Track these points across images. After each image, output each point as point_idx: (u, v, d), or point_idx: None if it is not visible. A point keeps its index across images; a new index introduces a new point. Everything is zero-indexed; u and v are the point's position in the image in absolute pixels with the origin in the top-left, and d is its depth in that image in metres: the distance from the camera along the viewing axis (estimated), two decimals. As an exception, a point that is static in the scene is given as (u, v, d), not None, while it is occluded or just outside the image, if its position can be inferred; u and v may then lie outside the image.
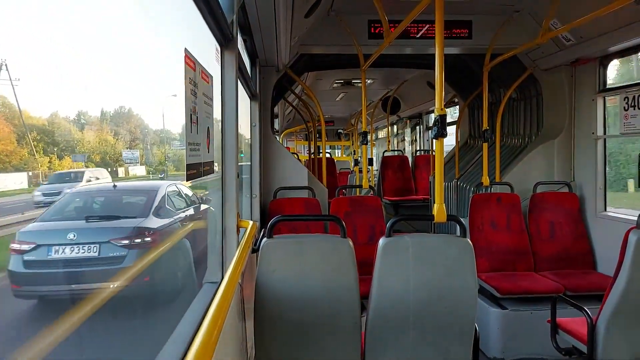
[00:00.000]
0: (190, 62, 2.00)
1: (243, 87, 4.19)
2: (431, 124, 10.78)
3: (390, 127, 12.13)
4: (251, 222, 3.10)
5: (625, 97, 4.65)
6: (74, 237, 4.22)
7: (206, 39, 2.47)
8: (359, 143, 6.59)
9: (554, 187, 5.44)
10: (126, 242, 4.48)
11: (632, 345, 3.24)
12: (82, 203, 4.79)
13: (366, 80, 5.71)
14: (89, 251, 4.19)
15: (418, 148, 11.49)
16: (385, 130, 12.86)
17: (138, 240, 4.60)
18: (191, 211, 6.18)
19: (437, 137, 2.99)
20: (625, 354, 3.24)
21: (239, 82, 2.97)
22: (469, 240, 2.87)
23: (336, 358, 2.89)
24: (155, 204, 5.22)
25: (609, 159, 5.30)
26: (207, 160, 2.32)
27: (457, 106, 8.57)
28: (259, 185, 5.35)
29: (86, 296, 3.57)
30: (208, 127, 2.35)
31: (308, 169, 6.16)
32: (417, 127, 11.68)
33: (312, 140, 9.35)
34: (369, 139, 7.62)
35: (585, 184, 5.26)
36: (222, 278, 2.30)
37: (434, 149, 4.30)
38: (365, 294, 2.89)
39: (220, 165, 2.75)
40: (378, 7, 4.34)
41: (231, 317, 2.26)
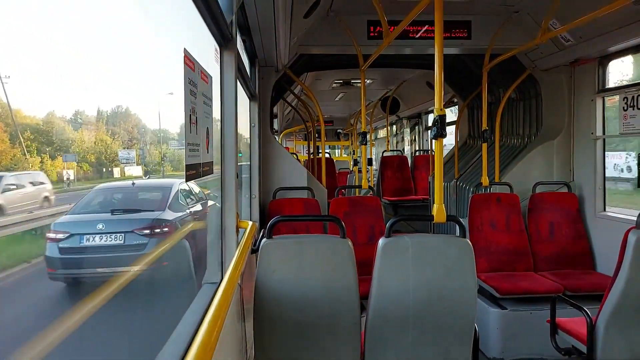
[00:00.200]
0: (189, 62, 1.99)
1: (242, 87, 4.19)
2: (430, 124, 10.80)
3: (389, 127, 12.13)
4: (250, 223, 3.10)
5: (624, 98, 4.66)
6: (103, 227, 4.86)
7: (205, 39, 2.47)
8: (358, 143, 6.59)
9: (553, 187, 5.44)
10: (147, 231, 5.15)
11: (631, 345, 3.24)
12: (103, 197, 5.42)
13: (365, 80, 5.71)
14: (115, 239, 4.83)
15: (417, 148, 11.50)
16: (385, 130, 12.86)
17: (157, 230, 5.28)
18: (199, 207, 6.76)
19: (436, 137, 2.99)
20: (625, 353, 3.25)
21: (238, 82, 2.97)
22: (469, 240, 2.87)
23: (336, 358, 2.89)
24: (170, 199, 5.84)
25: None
26: (207, 160, 2.31)
27: (457, 106, 8.58)
28: (258, 186, 5.35)
29: (113, 277, 4.11)
30: (207, 128, 2.34)
31: (307, 169, 6.16)
32: (417, 127, 11.69)
33: (311, 140, 9.35)
34: (368, 139, 7.63)
35: (584, 184, 5.27)
36: (222, 278, 2.29)
37: (433, 149, 4.30)
38: (365, 294, 2.89)
39: (220, 166, 2.75)
40: (377, 8, 4.34)
41: (231, 318, 2.26)
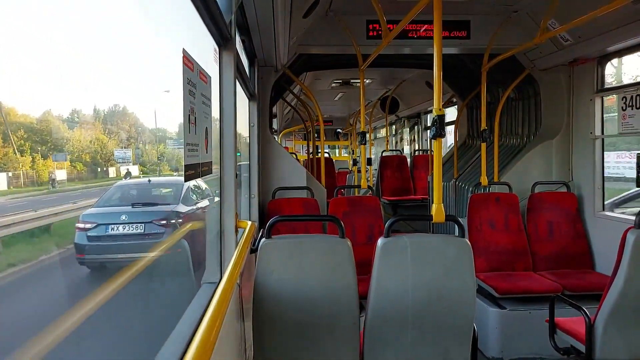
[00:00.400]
0: (188, 62, 1.99)
1: (241, 87, 4.19)
2: (429, 124, 10.80)
3: (388, 127, 12.14)
4: (250, 223, 3.10)
5: (623, 97, 4.66)
6: (125, 218, 5.56)
7: (205, 39, 2.47)
8: (358, 143, 6.59)
9: (552, 186, 5.44)
10: (164, 222, 5.87)
11: (629, 345, 3.25)
12: (121, 193, 6.11)
13: (365, 80, 5.71)
14: (136, 229, 5.55)
15: (416, 148, 11.50)
16: (384, 130, 12.86)
17: (172, 221, 6.00)
18: (207, 202, 7.43)
19: (435, 137, 2.99)
20: (623, 353, 3.25)
21: (237, 82, 2.97)
22: (468, 240, 2.88)
23: (335, 358, 2.89)
24: (182, 194, 6.54)
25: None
26: (206, 160, 2.31)
27: (456, 106, 8.58)
28: (257, 186, 5.35)
29: (135, 261, 4.73)
30: (206, 128, 2.34)
31: (306, 169, 6.16)
32: (416, 126, 11.70)
33: (310, 140, 9.35)
34: (367, 138, 7.63)
35: (583, 183, 5.27)
36: (221, 278, 2.30)
37: (432, 148, 4.30)
38: (364, 294, 2.90)
39: (219, 165, 2.75)
40: (376, 7, 4.35)
41: (230, 318, 2.26)
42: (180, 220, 6.07)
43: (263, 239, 2.84)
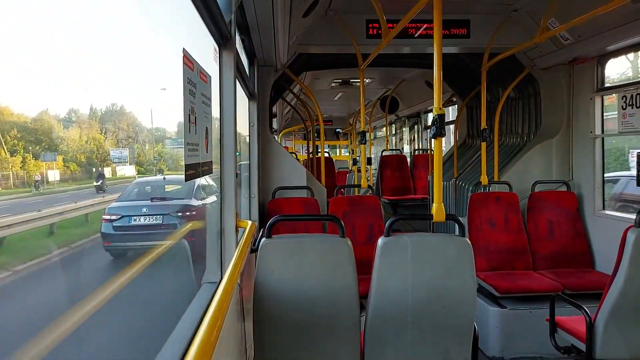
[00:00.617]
0: (188, 62, 1.99)
1: (241, 86, 4.19)
2: (429, 123, 10.80)
3: (388, 127, 12.13)
4: (250, 222, 3.10)
5: (623, 96, 4.66)
6: (146, 210, 6.28)
7: (204, 38, 2.47)
8: (358, 142, 6.59)
9: (552, 186, 5.44)
10: (179, 214, 6.65)
11: (630, 343, 3.25)
12: (138, 189, 6.72)
13: (364, 79, 5.71)
14: (155, 220, 6.29)
15: (416, 147, 11.50)
16: (384, 130, 12.86)
17: (187, 213, 6.72)
18: (214, 197, 8.06)
19: (435, 136, 2.99)
20: (624, 352, 3.25)
21: (237, 81, 2.97)
22: (468, 239, 2.88)
23: (335, 358, 2.89)
24: (194, 190, 7.17)
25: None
26: (206, 160, 2.31)
27: (456, 105, 8.58)
28: (257, 185, 5.35)
29: (154, 248, 5.55)
30: (206, 127, 2.34)
31: (306, 168, 6.16)
32: (416, 126, 11.69)
33: (310, 139, 9.35)
34: (367, 138, 7.63)
35: (583, 182, 5.27)
36: (221, 278, 2.30)
37: (432, 148, 4.30)
38: (364, 293, 2.90)
39: (219, 165, 2.75)
40: (376, 7, 4.34)
41: (230, 317, 2.26)
42: (194, 213, 6.77)
43: (263, 239, 2.84)
